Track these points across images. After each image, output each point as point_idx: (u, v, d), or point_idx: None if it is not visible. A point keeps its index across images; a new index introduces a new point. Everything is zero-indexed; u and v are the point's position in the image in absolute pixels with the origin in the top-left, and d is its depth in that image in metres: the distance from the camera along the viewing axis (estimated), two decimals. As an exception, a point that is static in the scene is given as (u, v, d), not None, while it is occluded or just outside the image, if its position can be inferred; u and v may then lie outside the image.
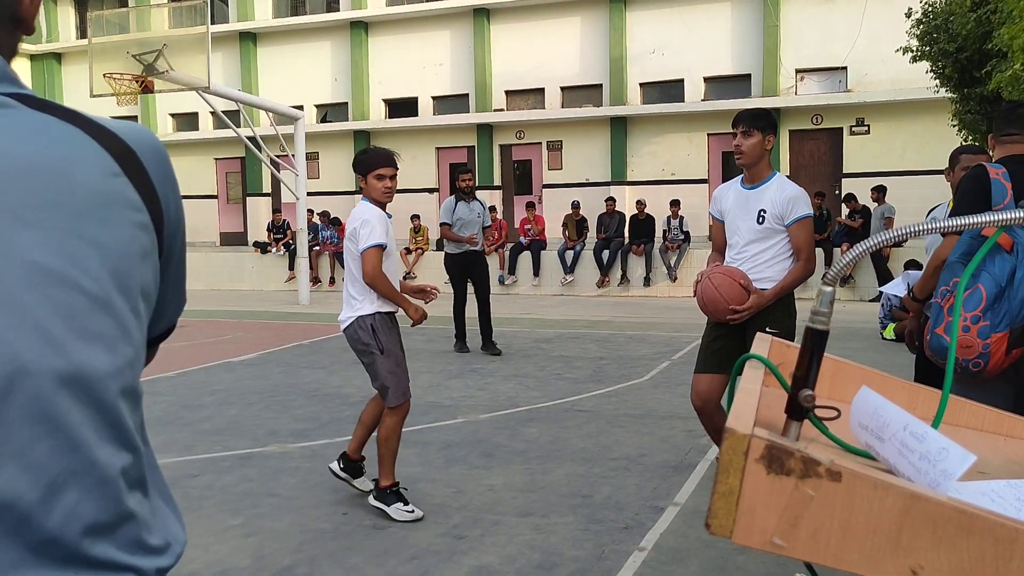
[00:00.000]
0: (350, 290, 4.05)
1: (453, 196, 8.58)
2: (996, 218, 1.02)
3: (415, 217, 16.74)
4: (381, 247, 3.93)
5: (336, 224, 17.02)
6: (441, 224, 8.69)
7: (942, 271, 3.05)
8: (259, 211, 20.89)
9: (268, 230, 18.02)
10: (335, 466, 4.32)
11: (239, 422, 5.99)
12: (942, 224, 1.04)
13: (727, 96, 17.55)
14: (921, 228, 1.06)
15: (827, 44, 16.88)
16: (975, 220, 1.03)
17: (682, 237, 14.84)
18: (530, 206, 16.08)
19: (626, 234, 15.29)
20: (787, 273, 3.92)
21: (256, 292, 16.99)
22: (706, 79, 17.91)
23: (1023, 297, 2.78)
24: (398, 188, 4.26)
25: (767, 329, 3.90)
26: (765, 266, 3.95)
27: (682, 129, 17.82)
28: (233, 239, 21.44)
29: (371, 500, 4.06)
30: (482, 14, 19.09)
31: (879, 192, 13.99)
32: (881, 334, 9.33)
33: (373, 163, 4.01)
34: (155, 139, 0.99)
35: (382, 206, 4.06)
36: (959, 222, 1.04)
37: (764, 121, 3.89)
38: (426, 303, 4.31)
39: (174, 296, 1.07)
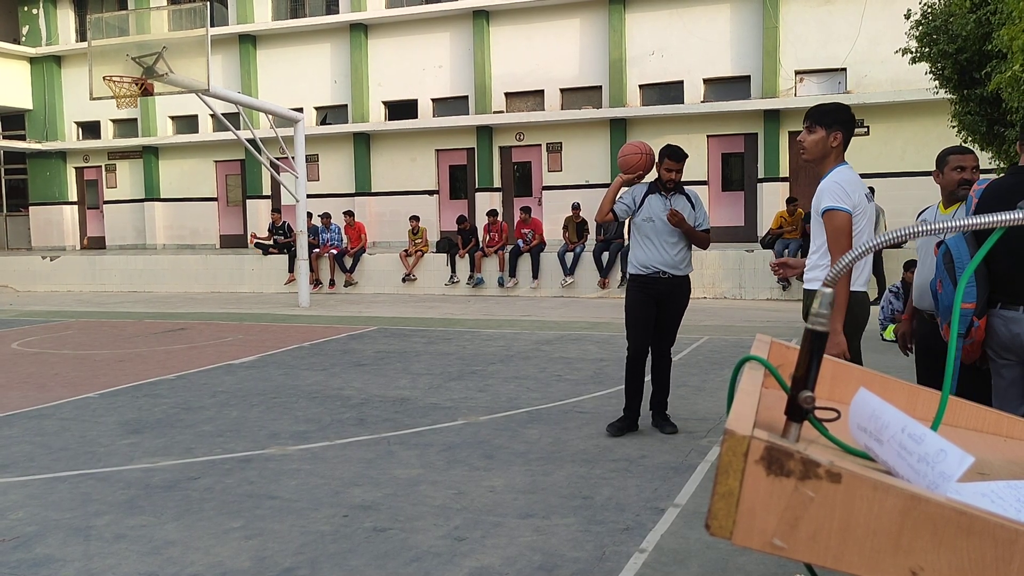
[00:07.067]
0: None
1: (646, 185, 5.61)
2: (998, 219, 1.02)
3: (414, 218, 16.70)
4: None
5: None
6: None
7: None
8: (259, 213, 20.88)
9: (269, 231, 17.99)
10: None
11: (240, 424, 5.99)
12: (941, 226, 1.05)
13: (726, 98, 17.56)
14: (920, 230, 1.06)
15: (826, 45, 16.89)
16: (975, 221, 1.03)
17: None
18: (525, 210, 15.81)
19: (625, 235, 15.27)
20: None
21: (256, 294, 16.97)
22: (705, 81, 17.92)
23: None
24: (399, 190, 4.28)
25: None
26: (809, 267, 3.70)
27: (682, 130, 17.81)
28: (233, 241, 21.43)
29: None
30: (481, 16, 19.09)
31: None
32: (881, 335, 9.32)
33: None
34: None
35: None
36: (958, 223, 1.04)
37: (830, 117, 3.61)
38: None
39: None
